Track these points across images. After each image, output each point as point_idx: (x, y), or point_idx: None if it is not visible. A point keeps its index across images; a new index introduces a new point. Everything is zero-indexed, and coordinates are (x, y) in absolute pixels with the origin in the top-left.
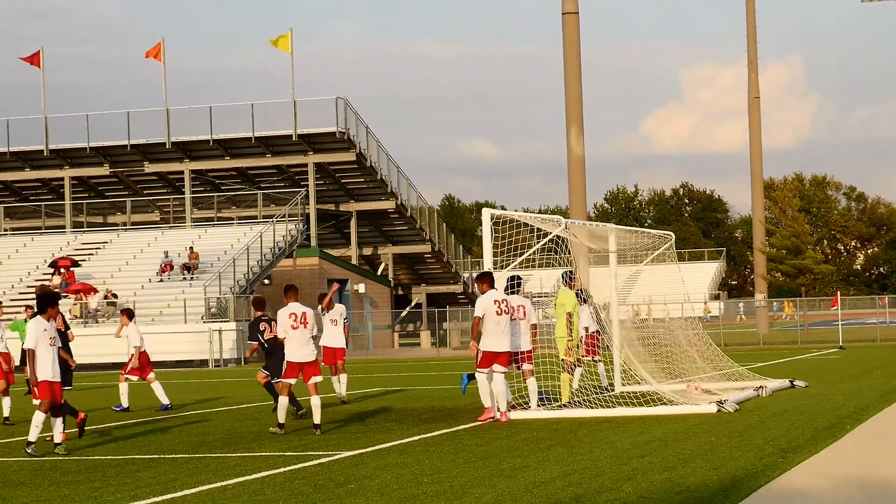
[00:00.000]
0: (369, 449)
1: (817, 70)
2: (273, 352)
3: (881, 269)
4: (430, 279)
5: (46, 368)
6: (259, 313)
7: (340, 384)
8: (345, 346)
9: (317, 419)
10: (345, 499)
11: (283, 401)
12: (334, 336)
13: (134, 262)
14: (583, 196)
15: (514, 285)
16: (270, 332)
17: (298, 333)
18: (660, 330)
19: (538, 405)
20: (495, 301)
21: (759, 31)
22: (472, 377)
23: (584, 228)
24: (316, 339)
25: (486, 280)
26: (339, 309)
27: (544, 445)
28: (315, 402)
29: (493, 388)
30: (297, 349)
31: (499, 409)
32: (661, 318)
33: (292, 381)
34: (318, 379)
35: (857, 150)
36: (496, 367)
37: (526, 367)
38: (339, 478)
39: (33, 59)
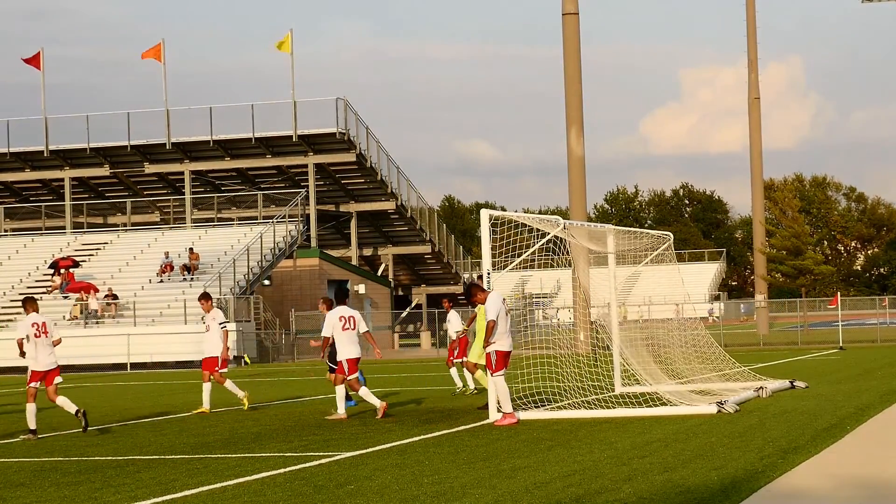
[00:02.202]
0: (369, 450)
1: (817, 70)
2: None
3: (881, 269)
4: (431, 280)
5: None
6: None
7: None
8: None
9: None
10: (345, 499)
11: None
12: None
13: (134, 262)
14: (583, 197)
15: (341, 297)
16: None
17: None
18: (659, 331)
19: (343, 413)
20: (503, 301)
21: (759, 32)
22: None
23: (582, 229)
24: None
25: (482, 287)
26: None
27: (544, 446)
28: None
29: (498, 388)
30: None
31: (500, 410)
32: (669, 318)
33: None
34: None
35: (857, 150)
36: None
37: (352, 376)
38: (339, 478)
39: (33, 60)
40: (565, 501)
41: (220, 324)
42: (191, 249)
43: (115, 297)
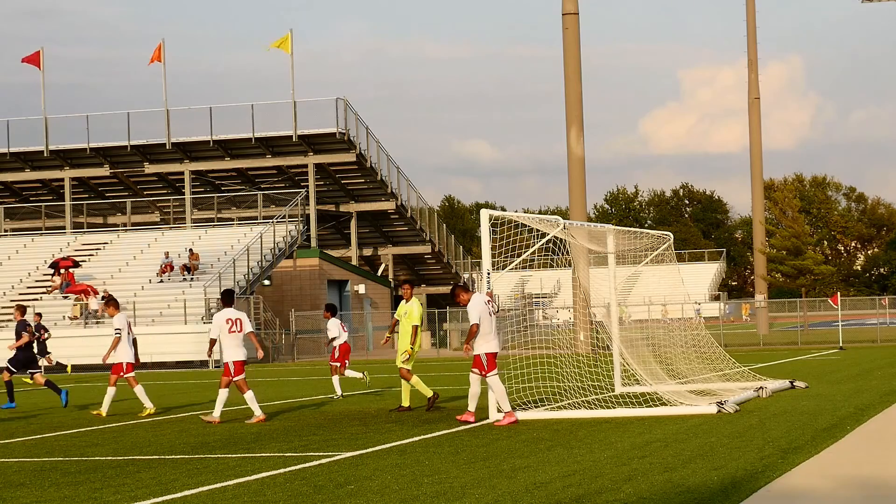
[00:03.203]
0: (369, 450)
1: (816, 70)
2: None
3: (881, 269)
4: (430, 280)
5: None
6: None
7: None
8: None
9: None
10: (345, 499)
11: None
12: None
13: (134, 262)
14: (583, 197)
15: (228, 299)
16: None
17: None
18: (659, 331)
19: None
20: (486, 303)
21: (758, 32)
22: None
23: (582, 229)
24: None
25: (465, 288)
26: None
27: (544, 446)
28: None
29: (494, 388)
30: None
31: (499, 410)
32: (658, 318)
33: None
34: None
35: (857, 150)
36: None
37: (238, 378)
38: (339, 478)
39: (33, 60)
40: (565, 501)
41: (116, 329)
42: (190, 250)
43: (112, 297)
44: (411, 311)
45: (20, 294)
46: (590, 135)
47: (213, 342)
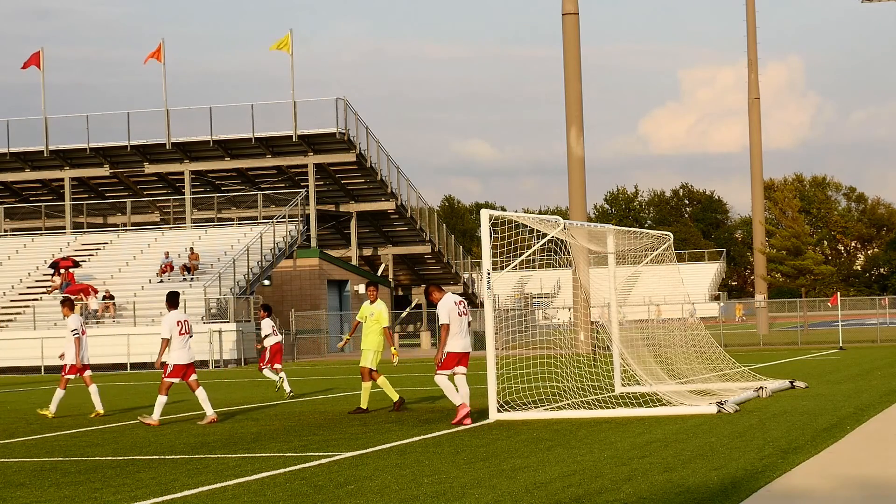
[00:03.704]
0: (369, 450)
1: (816, 70)
2: None
3: (881, 269)
4: (431, 279)
5: None
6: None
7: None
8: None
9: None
10: (345, 499)
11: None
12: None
13: (134, 262)
14: (583, 197)
15: (174, 302)
16: None
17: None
18: (659, 331)
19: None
20: (456, 303)
21: (758, 32)
22: None
23: (582, 229)
24: None
25: (439, 288)
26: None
27: (544, 446)
28: None
29: (440, 385)
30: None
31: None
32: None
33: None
34: None
35: (856, 150)
36: (458, 368)
37: (192, 377)
38: (339, 479)
39: (33, 60)
40: (565, 501)
41: (73, 331)
42: (191, 249)
43: (111, 297)
44: (380, 313)
45: (20, 294)
46: (590, 135)
47: (165, 343)
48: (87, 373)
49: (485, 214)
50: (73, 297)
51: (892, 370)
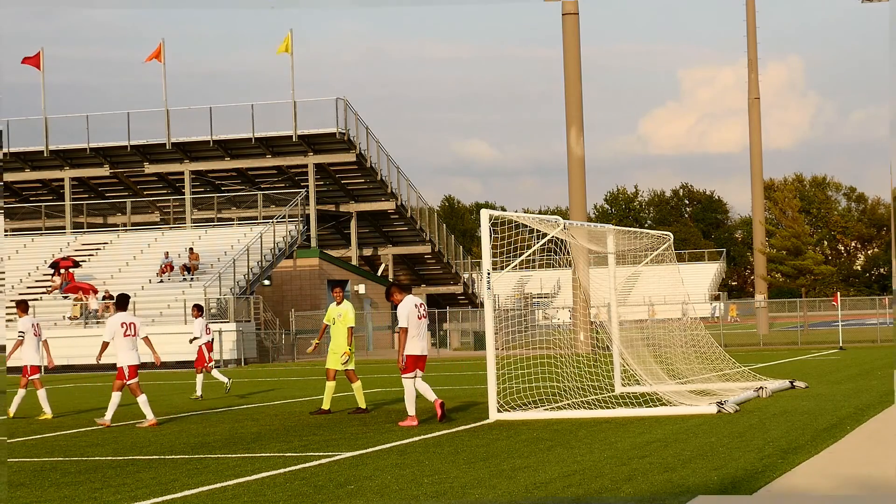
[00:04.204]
0: (369, 450)
1: (816, 70)
2: None
3: (881, 269)
4: (431, 280)
5: None
6: None
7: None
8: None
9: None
10: (345, 499)
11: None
12: None
13: (134, 262)
14: (583, 197)
15: (122, 304)
16: None
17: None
18: (659, 331)
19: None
20: (416, 306)
21: (758, 32)
22: None
23: (582, 229)
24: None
25: (401, 289)
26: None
27: (544, 446)
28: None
29: (406, 389)
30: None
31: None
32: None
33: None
34: None
35: (856, 150)
36: (416, 371)
37: (132, 382)
38: (339, 478)
39: (33, 60)
40: (565, 501)
41: (20, 332)
42: (191, 249)
43: (111, 297)
44: (346, 314)
45: (20, 294)
46: (589, 135)
47: (105, 345)
48: (37, 375)
49: (485, 214)
50: (73, 295)
51: (892, 370)
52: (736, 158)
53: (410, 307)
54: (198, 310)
